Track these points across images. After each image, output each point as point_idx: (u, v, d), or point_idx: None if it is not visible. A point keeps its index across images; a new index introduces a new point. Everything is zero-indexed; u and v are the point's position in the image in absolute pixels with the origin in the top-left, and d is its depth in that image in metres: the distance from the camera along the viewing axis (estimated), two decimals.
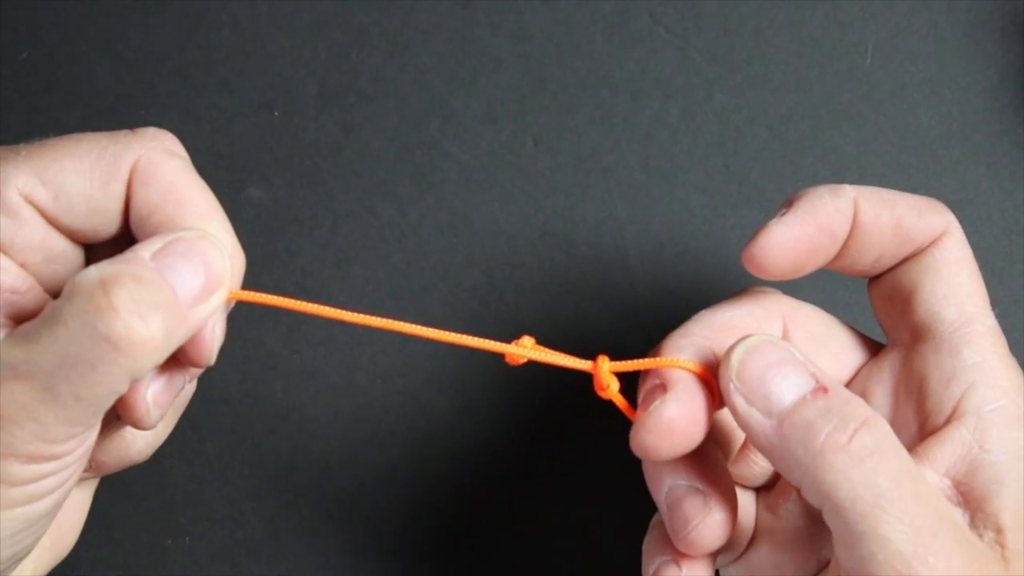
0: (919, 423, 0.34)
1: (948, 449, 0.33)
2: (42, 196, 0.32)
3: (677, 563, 0.35)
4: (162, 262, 0.32)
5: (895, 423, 0.35)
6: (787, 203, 0.35)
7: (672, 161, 0.47)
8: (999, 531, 0.32)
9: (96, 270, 0.31)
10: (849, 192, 0.35)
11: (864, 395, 0.36)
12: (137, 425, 0.34)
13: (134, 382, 0.31)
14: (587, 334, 0.46)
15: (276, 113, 0.47)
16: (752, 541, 0.37)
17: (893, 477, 0.30)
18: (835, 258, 0.36)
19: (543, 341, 0.35)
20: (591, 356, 0.35)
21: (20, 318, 0.32)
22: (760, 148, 0.47)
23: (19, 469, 0.31)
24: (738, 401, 0.33)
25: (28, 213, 0.32)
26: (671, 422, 0.33)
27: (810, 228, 0.34)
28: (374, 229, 0.46)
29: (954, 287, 0.35)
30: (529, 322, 0.46)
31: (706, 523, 0.34)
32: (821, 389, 0.32)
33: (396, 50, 0.48)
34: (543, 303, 0.46)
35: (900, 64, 0.47)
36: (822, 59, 0.47)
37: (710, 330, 0.35)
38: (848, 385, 0.37)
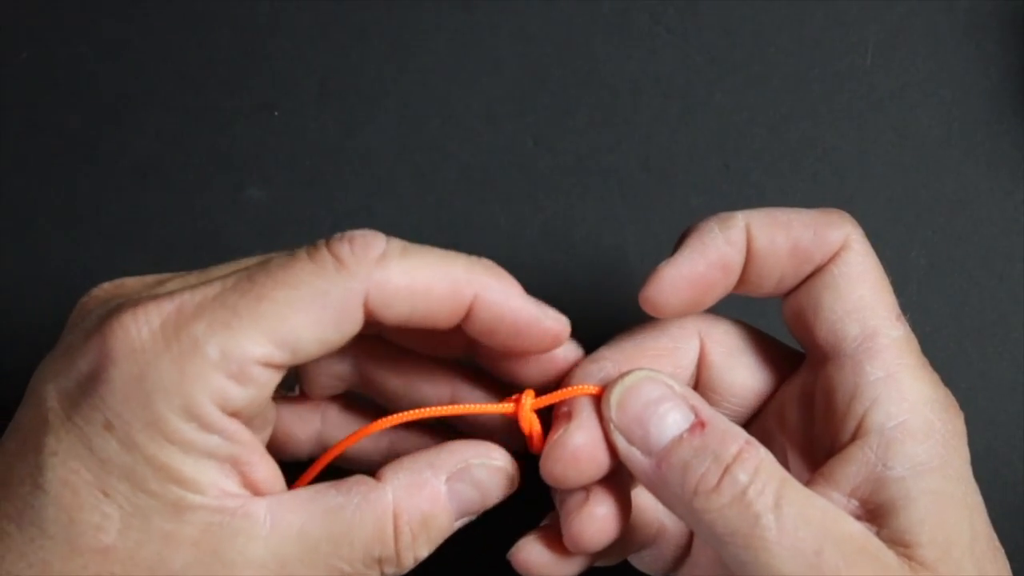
0: (829, 440, 0.34)
1: (852, 469, 0.33)
2: (279, 358, 0.31)
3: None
4: (453, 488, 0.34)
5: (808, 440, 0.36)
6: (681, 236, 0.35)
7: (672, 161, 0.47)
8: (907, 546, 0.32)
9: (392, 494, 0.32)
10: (740, 220, 0.35)
11: (781, 411, 0.37)
12: None
13: None
14: (587, 334, 0.46)
15: (276, 113, 0.47)
16: (690, 545, 0.38)
17: (770, 505, 0.31)
18: (736, 285, 0.36)
19: None
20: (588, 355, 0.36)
21: (250, 484, 0.32)
22: (760, 148, 0.47)
23: None
24: (619, 440, 0.33)
25: (267, 377, 0.31)
26: (575, 450, 0.34)
27: (699, 266, 0.34)
28: (374, 229, 0.46)
29: (855, 302, 0.34)
30: None
31: (582, 518, 0.35)
32: (698, 425, 0.33)
33: (396, 50, 0.48)
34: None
35: (900, 64, 0.47)
36: (822, 59, 0.47)
37: (621, 354, 0.36)
38: (770, 400, 0.37)
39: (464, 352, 0.37)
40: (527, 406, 0.35)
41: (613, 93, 0.47)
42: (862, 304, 0.34)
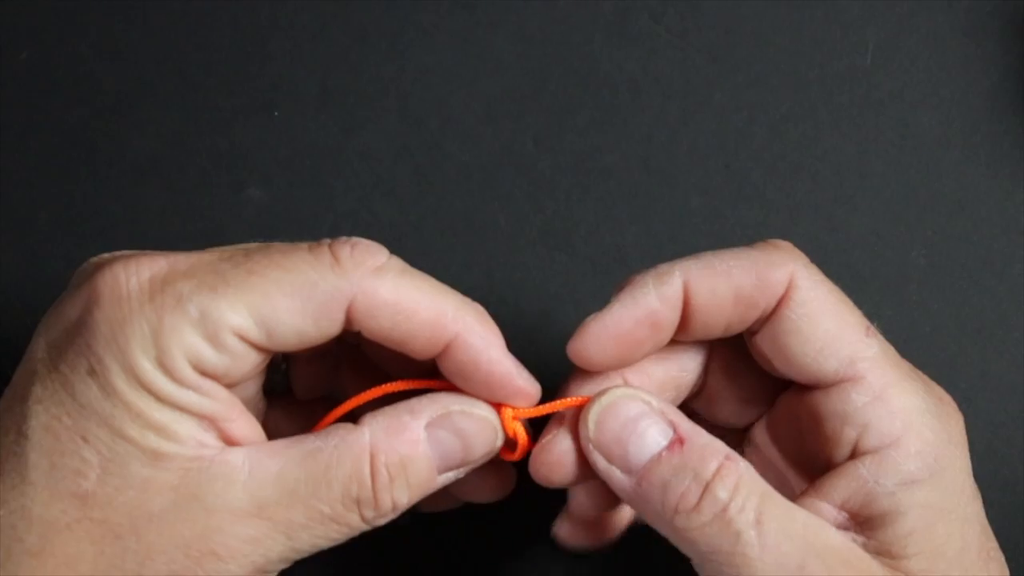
0: (823, 459, 0.34)
1: (844, 483, 0.33)
2: (255, 335, 0.32)
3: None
4: (435, 433, 0.34)
5: (801, 454, 0.36)
6: (617, 287, 0.35)
7: (672, 161, 0.47)
8: (895, 557, 0.32)
9: (369, 435, 0.33)
10: (676, 276, 0.34)
11: (776, 423, 0.37)
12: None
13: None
14: None
15: (276, 113, 0.47)
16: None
17: (751, 521, 0.31)
18: (680, 334, 0.35)
19: (543, 341, 0.36)
20: None
21: (230, 440, 0.32)
22: (760, 148, 0.47)
23: None
24: (598, 460, 0.34)
25: (241, 349, 0.32)
26: (560, 455, 0.35)
27: (626, 323, 0.34)
28: (374, 229, 0.46)
29: (822, 338, 0.34)
30: (529, 322, 0.46)
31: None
32: (677, 442, 0.33)
33: (396, 50, 0.48)
34: (543, 303, 0.46)
35: (900, 64, 0.47)
36: (822, 59, 0.47)
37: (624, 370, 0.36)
38: (771, 412, 0.37)
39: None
40: (508, 415, 0.35)
41: (613, 93, 0.47)
42: (829, 338, 0.34)
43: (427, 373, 0.37)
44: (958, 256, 0.46)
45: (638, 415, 0.34)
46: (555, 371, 0.42)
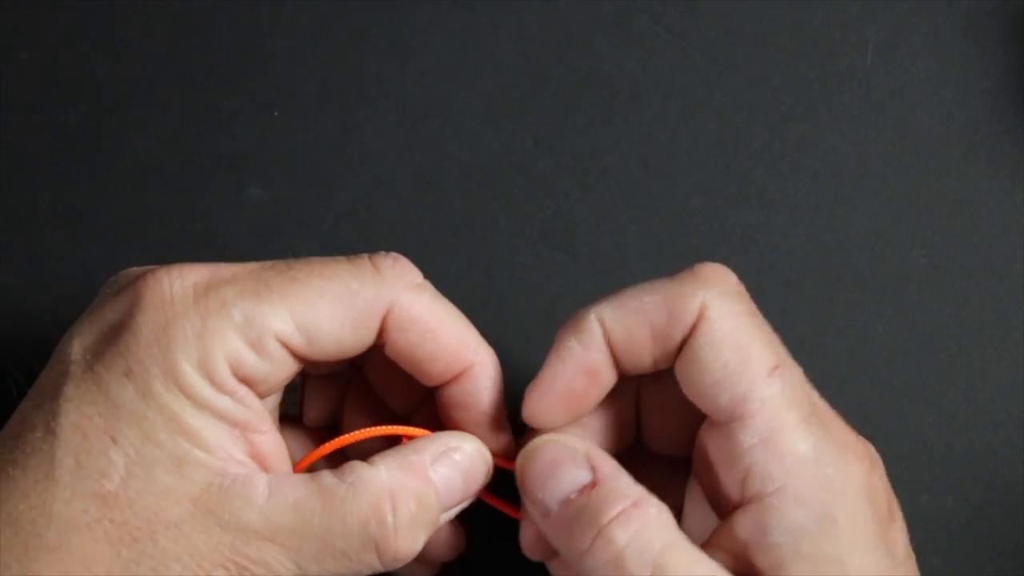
0: (724, 499, 0.34)
1: (734, 534, 0.33)
2: (297, 342, 0.32)
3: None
4: (439, 471, 0.34)
5: (714, 492, 0.35)
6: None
7: (672, 161, 0.47)
8: None
9: (386, 473, 0.33)
10: (592, 322, 0.34)
11: (696, 463, 0.36)
12: None
13: None
14: None
15: (276, 113, 0.47)
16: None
17: (647, 570, 0.31)
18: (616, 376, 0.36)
19: (543, 341, 0.36)
20: None
21: (258, 457, 0.33)
22: (760, 148, 0.47)
23: None
24: (527, 503, 0.35)
25: (282, 355, 0.32)
26: (528, 550, 0.36)
27: (563, 380, 0.35)
28: (374, 229, 0.46)
29: (720, 372, 0.33)
30: (529, 322, 0.46)
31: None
32: (590, 486, 0.33)
33: (396, 50, 0.48)
34: (543, 303, 0.46)
35: (900, 64, 0.47)
36: (822, 59, 0.47)
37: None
38: (694, 448, 0.36)
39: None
40: None
41: (613, 93, 0.47)
42: (728, 371, 0.33)
43: (419, 404, 0.38)
44: (958, 256, 0.46)
45: (558, 459, 0.34)
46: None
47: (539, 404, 0.35)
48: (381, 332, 0.34)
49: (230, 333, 0.31)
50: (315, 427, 0.40)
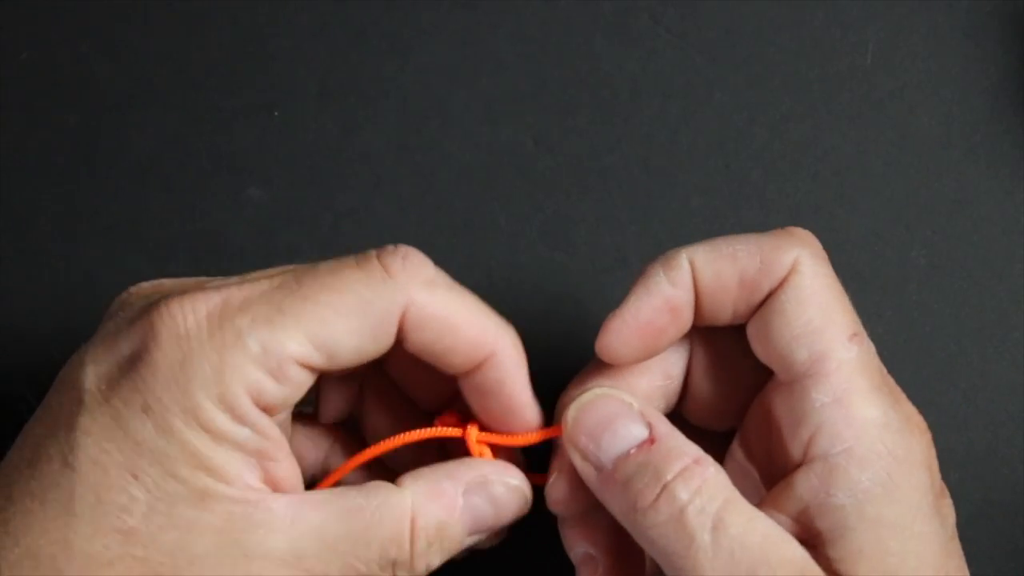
0: (782, 463, 0.34)
1: (796, 494, 0.33)
2: (316, 360, 0.32)
3: None
4: (470, 500, 0.34)
5: (769, 459, 0.35)
6: (634, 282, 0.36)
7: (672, 161, 0.47)
8: (845, 575, 0.32)
9: (411, 499, 0.33)
10: (683, 260, 0.35)
11: (752, 427, 0.36)
12: None
13: None
14: (587, 334, 0.46)
15: (276, 113, 0.47)
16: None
17: (707, 526, 0.31)
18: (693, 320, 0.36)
19: (543, 341, 0.36)
20: (589, 356, 0.36)
21: (271, 482, 0.32)
22: (760, 148, 0.47)
23: None
24: (575, 458, 0.34)
25: (302, 377, 0.32)
26: (555, 505, 0.36)
27: (645, 314, 0.35)
28: (374, 229, 0.46)
29: (802, 326, 0.33)
30: (529, 322, 0.46)
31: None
32: (648, 441, 0.33)
33: (396, 50, 0.48)
34: (543, 303, 0.46)
35: (900, 64, 0.47)
36: (822, 59, 0.47)
37: (606, 367, 0.36)
38: (745, 417, 0.37)
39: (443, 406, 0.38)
40: (472, 437, 0.36)
41: (613, 93, 0.47)
42: (810, 328, 0.33)
43: (446, 398, 0.38)
44: (958, 256, 0.46)
45: (613, 414, 0.34)
46: (555, 371, 0.42)
47: (618, 335, 0.35)
48: (399, 332, 0.34)
49: (248, 366, 0.31)
50: (331, 423, 0.40)
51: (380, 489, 0.33)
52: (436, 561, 0.34)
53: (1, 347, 0.46)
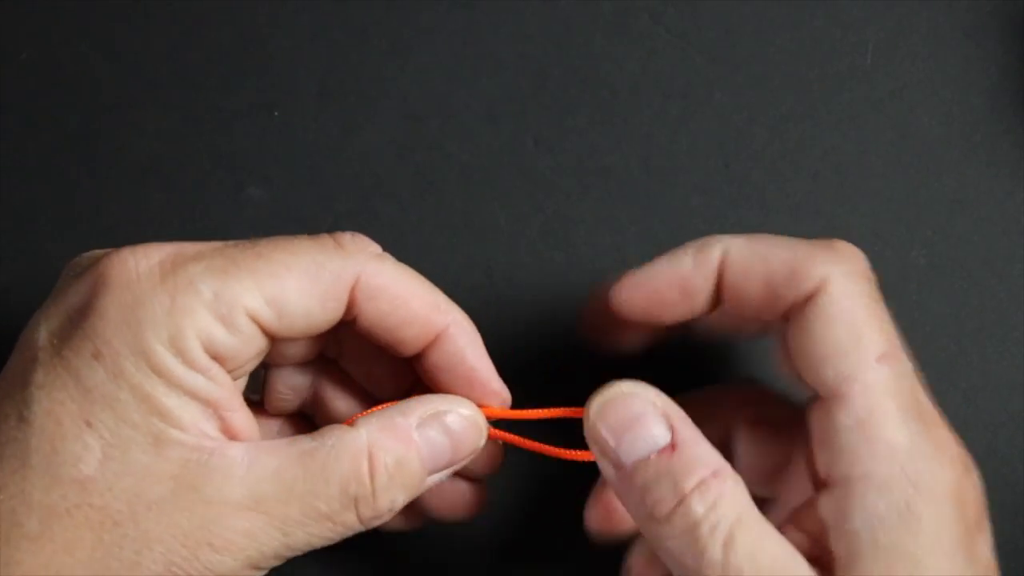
0: (813, 479, 0.34)
1: (816, 515, 0.32)
2: (267, 316, 0.32)
3: None
4: (425, 434, 0.34)
5: (798, 476, 0.35)
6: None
7: (672, 161, 0.47)
8: None
9: (366, 435, 0.33)
10: (715, 247, 0.35)
11: (791, 443, 0.36)
12: None
13: None
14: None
15: (276, 113, 0.47)
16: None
17: (719, 542, 0.31)
18: (713, 317, 0.36)
19: (542, 341, 0.36)
20: (589, 355, 0.36)
21: (229, 433, 0.33)
22: (760, 148, 0.47)
23: None
24: (595, 451, 0.34)
25: (252, 331, 0.32)
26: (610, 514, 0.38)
27: (659, 282, 0.35)
28: (374, 229, 0.46)
29: (829, 346, 0.33)
30: (529, 322, 0.46)
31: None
32: (669, 448, 0.33)
33: (396, 50, 0.48)
34: (543, 303, 0.46)
35: (900, 64, 0.47)
36: (822, 59, 0.47)
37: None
38: (800, 423, 0.36)
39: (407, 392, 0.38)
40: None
41: (613, 93, 0.47)
42: (836, 348, 0.33)
43: (404, 390, 0.38)
44: (958, 256, 0.46)
45: (637, 414, 0.33)
46: (555, 371, 0.42)
47: (627, 290, 0.36)
48: (350, 306, 0.34)
49: (200, 310, 0.31)
50: (277, 414, 0.40)
51: (334, 430, 0.33)
52: (400, 498, 0.33)
53: (1, 347, 0.46)
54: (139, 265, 0.32)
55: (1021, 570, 0.44)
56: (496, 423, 0.36)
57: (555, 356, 0.45)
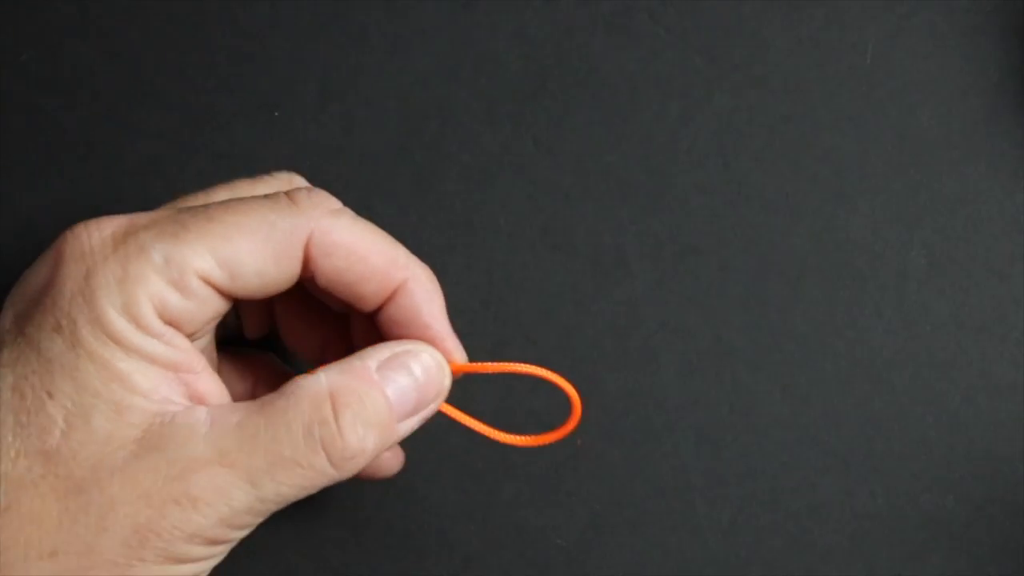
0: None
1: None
2: (219, 277, 0.33)
3: None
4: (386, 375, 0.34)
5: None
6: None
7: (672, 161, 0.47)
8: None
9: (325, 379, 0.33)
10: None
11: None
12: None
13: None
14: (586, 334, 0.46)
15: (276, 113, 0.47)
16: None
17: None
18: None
19: (542, 341, 0.36)
20: (589, 355, 0.36)
21: (196, 396, 0.33)
22: (760, 148, 0.47)
23: (197, 550, 0.32)
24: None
25: (206, 293, 0.33)
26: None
27: None
28: None
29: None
30: (529, 322, 0.46)
31: None
32: None
33: (396, 50, 0.48)
34: (543, 303, 0.46)
35: (900, 64, 0.47)
36: (822, 59, 0.47)
37: None
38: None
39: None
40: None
41: (613, 93, 0.47)
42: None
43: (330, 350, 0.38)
44: (958, 256, 0.46)
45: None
46: (555, 370, 0.42)
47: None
48: (307, 263, 0.34)
49: (152, 276, 0.32)
50: (256, 338, 0.40)
51: (294, 381, 0.33)
52: (369, 441, 0.33)
53: None
54: (92, 237, 0.32)
55: (1021, 570, 0.44)
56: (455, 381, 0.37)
57: (554, 356, 0.45)
